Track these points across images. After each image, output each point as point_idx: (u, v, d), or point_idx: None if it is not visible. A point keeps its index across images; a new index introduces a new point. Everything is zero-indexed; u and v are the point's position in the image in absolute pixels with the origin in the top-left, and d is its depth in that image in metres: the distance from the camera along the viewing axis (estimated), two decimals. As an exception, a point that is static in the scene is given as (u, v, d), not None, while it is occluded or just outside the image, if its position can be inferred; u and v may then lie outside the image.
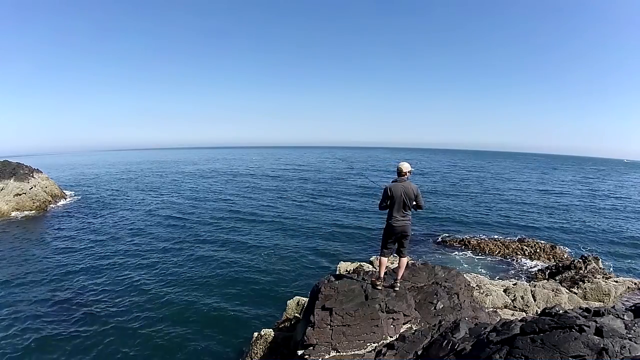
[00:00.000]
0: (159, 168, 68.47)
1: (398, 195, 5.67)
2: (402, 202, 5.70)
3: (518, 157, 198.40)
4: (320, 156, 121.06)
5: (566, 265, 13.89)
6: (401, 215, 5.78)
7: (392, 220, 5.79)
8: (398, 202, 5.70)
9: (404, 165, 5.84)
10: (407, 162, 5.94)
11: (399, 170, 5.84)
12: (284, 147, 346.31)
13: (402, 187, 5.70)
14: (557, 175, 66.46)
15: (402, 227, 5.85)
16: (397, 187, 5.71)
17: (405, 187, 5.71)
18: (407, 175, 5.82)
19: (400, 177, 5.82)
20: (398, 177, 5.84)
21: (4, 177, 26.54)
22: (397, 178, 5.83)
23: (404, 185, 5.72)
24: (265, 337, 7.82)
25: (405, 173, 5.80)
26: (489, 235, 20.26)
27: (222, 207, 28.05)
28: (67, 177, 48.28)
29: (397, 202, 5.70)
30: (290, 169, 64.82)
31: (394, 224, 5.80)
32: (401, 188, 5.69)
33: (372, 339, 5.36)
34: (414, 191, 5.74)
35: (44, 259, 16.19)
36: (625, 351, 2.87)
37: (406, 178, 5.81)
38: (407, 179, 5.82)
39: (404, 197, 5.68)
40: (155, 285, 13.29)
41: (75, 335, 10.11)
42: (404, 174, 5.80)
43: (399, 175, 5.84)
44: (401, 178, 5.80)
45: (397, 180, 5.82)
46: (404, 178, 5.80)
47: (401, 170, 5.81)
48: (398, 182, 5.78)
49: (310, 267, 15.32)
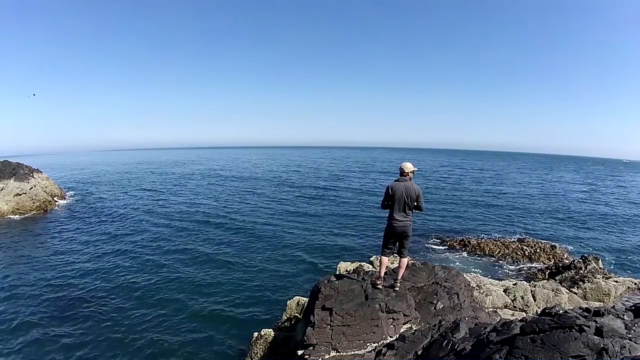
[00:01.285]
0: (159, 168, 68.46)
1: (399, 195, 5.62)
2: (403, 202, 5.64)
3: (517, 157, 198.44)
4: (319, 156, 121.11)
5: (566, 265, 13.89)
6: (402, 215, 5.73)
7: (393, 220, 5.75)
8: (399, 202, 5.65)
9: (406, 165, 5.79)
10: (410, 162, 5.89)
11: (401, 170, 5.79)
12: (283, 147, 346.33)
13: (404, 187, 5.64)
14: (557, 175, 66.48)
15: (403, 227, 5.80)
16: (399, 187, 5.66)
17: (407, 187, 5.65)
18: (409, 176, 5.76)
19: (402, 176, 5.76)
20: (400, 176, 5.79)
21: (4, 177, 26.52)
22: (400, 178, 5.78)
23: (405, 185, 5.67)
24: (265, 337, 7.82)
25: (407, 173, 5.74)
26: (489, 235, 20.27)
27: (221, 207, 28.04)
28: (68, 177, 48.26)
29: (398, 202, 5.65)
30: (289, 169, 64.81)
31: (395, 224, 5.76)
32: (403, 188, 5.64)
33: (372, 339, 5.36)
34: (415, 192, 5.67)
35: (44, 259, 16.18)
36: (625, 351, 2.87)
37: (408, 178, 5.75)
38: (410, 179, 5.77)
39: (405, 197, 5.62)
40: (155, 285, 13.29)
41: (75, 335, 10.11)
42: (407, 174, 5.74)
43: (401, 175, 5.79)
44: (403, 178, 5.74)
45: (399, 179, 5.77)
46: (406, 178, 5.74)
47: (403, 170, 5.76)
48: (400, 181, 5.73)
49: (310, 267, 15.32)
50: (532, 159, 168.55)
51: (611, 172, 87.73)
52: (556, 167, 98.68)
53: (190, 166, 73.30)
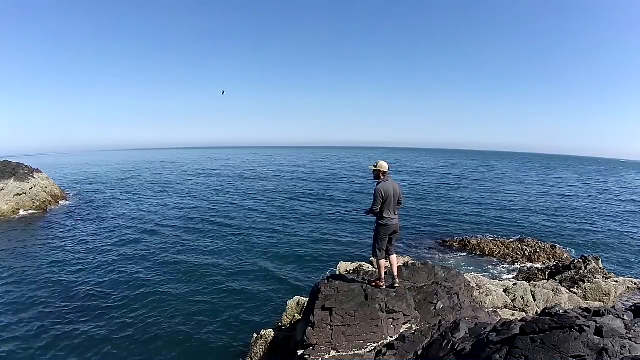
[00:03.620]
0: (159, 168, 68.46)
1: (391, 195, 5.69)
2: (393, 201, 5.74)
3: (517, 157, 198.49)
4: (319, 156, 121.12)
5: (566, 265, 13.89)
6: (393, 214, 5.82)
7: (386, 220, 5.78)
8: (391, 201, 5.72)
9: (383, 164, 5.84)
10: (382, 160, 5.95)
11: (381, 171, 5.81)
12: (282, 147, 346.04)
13: (392, 186, 5.74)
14: (556, 175, 66.50)
15: (396, 225, 5.91)
16: (388, 187, 5.72)
17: (394, 185, 5.78)
18: (388, 173, 5.87)
19: (384, 176, 5.81)
20: (382, 176, 5.82)
21: (4, 177, 26.51)
22: (382, 178, 5.82)
23: (393, 184, 5.78)
24: (265, 337, 7.82)
25: (386, 172, 5.83)
26: (489, 235, 20.26)
27: (221, 206, 28.04)
28: (68, 177, 48.26)
29: (391, 202, 5.72)
30: (288, 169, 64.77)
31: (389, 223, 5.80)
32: (391, 187, 5.73)
33: (372, 339, 5.36)
34: (399, 189, 5.86)
35: (44, 259, 16.17)
36: (625, 351, 2.87)
37: (388, 177, 5.85)
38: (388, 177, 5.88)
39: (394, 195, 5.74)
40: (155, 285, 13.28)
41: (75, 334, 10.09)
42: (385, 172, 5.82)
43: (383, 175, 5.82)
44: (385, 178, 5.81)
45: (382, 180, 5.81)
46: (387, 177, 5.82)
47: (383, 170, 5.82)
48: (386, 181, 5.78)
49: (310, 267, 15.31)
50: (531, 158, 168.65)
51: (610, 171, 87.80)
52: (555, 166, 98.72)
53: (190, 166, 73.33)
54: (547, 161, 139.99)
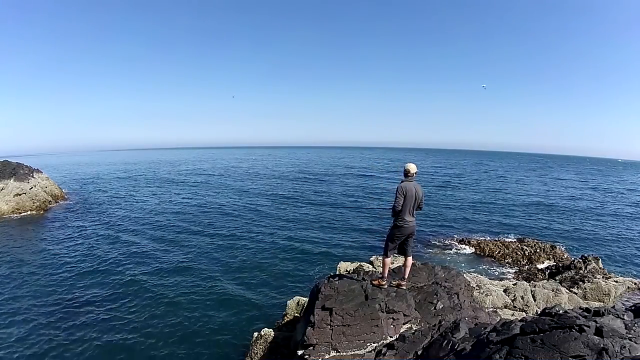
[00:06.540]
0: (158, 168, 68.42)
1: (411, 195, 5.67)
2: (412, 203, 5.72)
3: (515, 156, 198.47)
4: (318, 157, 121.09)
5: (566, 265, 13.89)
6: (410, 216, 5.79)
7: (403, 221, 5.75)
8: (411, 203, 5.70)
9: (411, 166, 5.85)
10: (412, 163, 5.95)
11: (407, 171, 5.83)
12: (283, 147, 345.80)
13: (415, 188, 5.72)
14: (556, 175, 66.50)
15: (412, 227, 5.88)
16: (410, 187, 5.70)
17: (417, 188, 5.75)
18: (414, 177, 5.85)
19: (407, 177, 5.81)
20: (405, 177, 5.83)
21: (4, 177, 26.50)
22: (405, 178, 5.81)
23: (415, 185, 5.75)
24: (265, 337, 7.83)
25: (413, 174, 5.82)
26: (489, 235, 20.27)
27: (221, 206, 28.03)
28: (68, 177, 48.22)
29: (410, 203, 5.70)
30: (288, 169, 64.77)
31: (405, 225, 5.77)
32: (414, 188, 5.71)
33: (372, 339, 5.36)
34: (421, 192, 5.84)
35: (44, 259, 16.17)
36: (625, 351, 2.87)
37: (413, 179, 5.84)
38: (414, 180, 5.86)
39: (415, 198, 5.72)
40: (155, 285, 13.27)
41: (75, 334, 10.09)
42: (412, 174, 5.82)
43: (406, 176, 5.82)
44: (409, 178, 5.80)
45: (406, 180, 5.80)
46: (412, 179, 5.81)
47: (409, 171, 5.82)
48: (409, 182, 5.77)
49: (310, 267, 15.31)
50: (530, 158, 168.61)
51: (608, 172, 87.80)
52: (554, 166, 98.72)
53: (190, 166, 73.29)
54: (545, 161, 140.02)
